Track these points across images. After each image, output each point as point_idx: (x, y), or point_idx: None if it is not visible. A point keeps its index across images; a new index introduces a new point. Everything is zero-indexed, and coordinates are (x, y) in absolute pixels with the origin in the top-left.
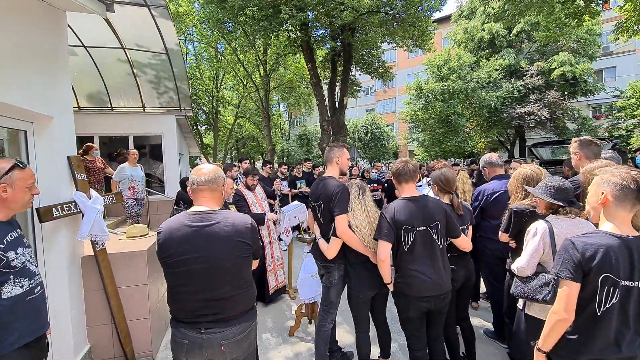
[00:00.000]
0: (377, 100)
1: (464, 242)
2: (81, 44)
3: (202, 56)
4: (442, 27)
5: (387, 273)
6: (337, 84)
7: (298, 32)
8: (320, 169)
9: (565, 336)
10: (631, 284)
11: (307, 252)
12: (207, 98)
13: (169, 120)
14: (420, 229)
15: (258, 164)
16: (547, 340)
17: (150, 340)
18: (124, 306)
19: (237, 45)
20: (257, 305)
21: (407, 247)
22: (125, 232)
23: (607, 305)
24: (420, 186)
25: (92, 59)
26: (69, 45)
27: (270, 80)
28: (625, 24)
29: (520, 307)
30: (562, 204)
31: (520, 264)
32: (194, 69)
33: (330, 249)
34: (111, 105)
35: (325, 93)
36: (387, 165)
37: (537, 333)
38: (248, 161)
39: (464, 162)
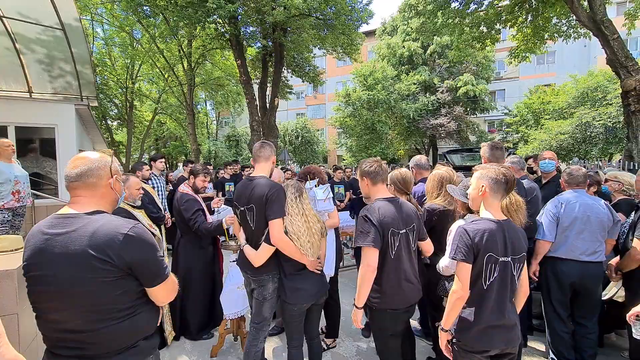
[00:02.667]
0: (308, 105)
1: (429, 245)
2: None
3: (114, 42)
4: (368, 41)
5: (369, 288)
6: (268, 84)
7: (226, 25)
8: (249, 170)
9: (463, 310)
10: (506, 259)
11: (233, 262)
12: (120, 90)
13: (66, 109)
14: (402, 231)
15: (180, 165)
16: (449, 318)
17: None
18: None
19: (156, 33)
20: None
21: (393, 252)
22: None
23: (491, 280)
24: (310, 188)
25: None
26: None
27: (196, 75)
28: (516, 51)
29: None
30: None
31: (445, 263)
32: (104, 55)
33: (259, 256)
34: None
35: (256, 93)
36: None
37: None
38: (163, 160)
39: (389, 166)
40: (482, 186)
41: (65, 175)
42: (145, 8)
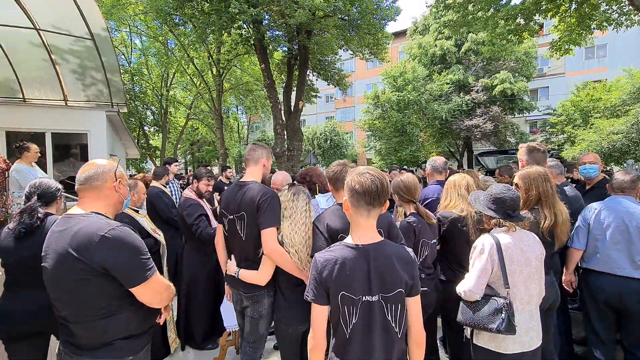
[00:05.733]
0: (337, 108)
1: None
2: None
3: (151, 52)
4: (399, 41)
5: None
6: (294, 87)
7: (250, 29)
8: (230, 172)
9: None
10: (370, 298)
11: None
12: (156, 97)
13: (98, 116)
14: None
15: (215, 170)
16: None
17: None
18: None
19: (187, 41)
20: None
21: None
22: None
23: (351, 326)
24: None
25: None
26: None
27: (225, 81)
28: (558, 43)
29: (468, 336)
30: (495, 216)
31: (468, 287)
32: (141, 65)
33: (263, 274)
34: (23, 95)
35: (281, 97)
36: None
37: None
38: (177, 163)
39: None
40: (345, 199)
41: (76, 179)
42: (174, 17)
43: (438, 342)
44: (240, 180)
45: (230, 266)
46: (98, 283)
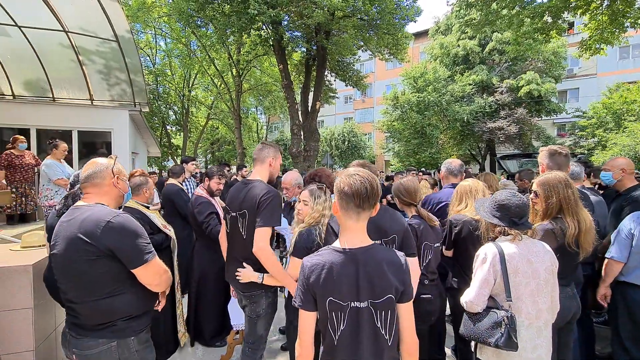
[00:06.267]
0: (356, 109)
1: (414, 266)
2: (14, 23)
3: (174, 53)
4: (420, 42)
5: None
6: (311, 88)
7: (269, 30)
8: (246, 171)
9: None
10: (358, 304)
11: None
12: (178, 97)
13: (121, 115)
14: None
15: (234, 169)
16: None
17: None
18: None
19: (208, 42)
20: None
21: None
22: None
23: (338, 333)
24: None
25: (29, 42)
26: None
27: (245, 82)
28: (588, 42)
29: (472, 349)
30: (500, 224)
31: (469, 298)
32: (165, 66)
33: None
34: (53, 95)
35: (299, 97)
36: None
37: None
38: (195, 162)
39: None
40: (333, 201)
41: (79, 178)
42: (196, 19)
43: (450, 350)
44: (247, 178)
45: (247, 273)
46: (104, 263)
